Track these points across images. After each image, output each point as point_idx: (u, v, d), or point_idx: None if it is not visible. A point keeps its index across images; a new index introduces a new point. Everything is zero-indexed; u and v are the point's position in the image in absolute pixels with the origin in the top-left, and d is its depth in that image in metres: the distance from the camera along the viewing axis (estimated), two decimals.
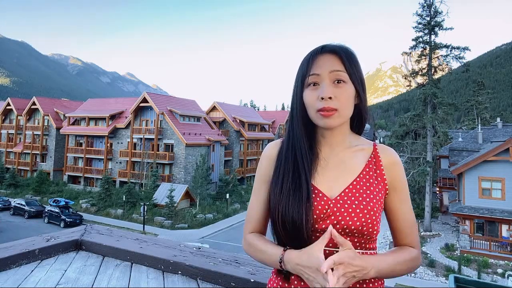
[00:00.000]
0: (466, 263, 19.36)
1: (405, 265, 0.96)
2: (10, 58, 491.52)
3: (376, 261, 0.90)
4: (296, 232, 0.93)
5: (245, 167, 44.62)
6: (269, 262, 0.98)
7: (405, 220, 1.02)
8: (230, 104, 50.61)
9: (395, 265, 0.94)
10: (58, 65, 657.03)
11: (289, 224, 0.93)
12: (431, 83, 27.06)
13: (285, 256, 0.92)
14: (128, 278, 1.56)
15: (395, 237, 1.05)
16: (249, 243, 1.05)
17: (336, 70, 0.97)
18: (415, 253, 1.01)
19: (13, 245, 1.73)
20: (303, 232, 0.92)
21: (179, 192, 30.54)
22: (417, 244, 1.03)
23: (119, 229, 2.25)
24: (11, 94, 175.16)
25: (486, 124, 44.99)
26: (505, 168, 20.60)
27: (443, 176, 31.62)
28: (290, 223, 0.93)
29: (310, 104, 0.98)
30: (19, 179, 41.64)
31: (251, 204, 1.10)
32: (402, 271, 0.96)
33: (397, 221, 1.03)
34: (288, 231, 0.94)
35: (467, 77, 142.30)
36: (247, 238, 1.07)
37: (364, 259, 0.86)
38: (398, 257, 0.96)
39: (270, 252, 0.97)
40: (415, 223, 1.05)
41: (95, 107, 43.04)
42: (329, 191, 0.97)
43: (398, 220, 1.03)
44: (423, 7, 27.77)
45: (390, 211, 1.03)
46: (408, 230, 1.02)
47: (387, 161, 1.03)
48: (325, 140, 1.04)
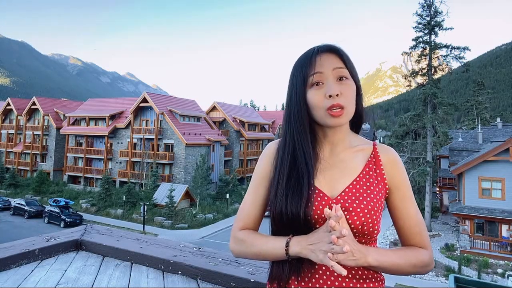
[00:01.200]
0: (466, 263, 19.35)
1: (409, 263, 0.93)
2: (10, 58, 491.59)
3: (373, 249, 0.90)
4: (297, 231, 0.93)
5: (245, 167, 44.63)
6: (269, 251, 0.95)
7: (409, 218, 1.00)
8: (230, 104, 50.62)
9: (397, 259, 0.92)
10: (58, 65, 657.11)
11: (290, 224, 0.93)
12: (431, 83, 27.05)
13: (293, 240, 0.91)
14: (128, 278, 1.56)
15: (401, 237, 1.02)
16: (241, 239, 1.02)
17: (339, 67, 0.98)
18: (424, 253, 0.96)
19: (13, 245, 1.73)
20: (304, 232, 0.92)
21: (179, 192, 30.54)
22: (426, 244, 0.98)
23: (119, 229, 2.25)
24: (11, 94, 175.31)
25: (486, 124, 44.98)
26: (505, 168, 20.59)
27: (443, 176, 31.62)
28: (291, 223, 0.93)
29: (317, 104, 0.97)
30: (19, 179, 41.64)
31: (245, 203, 1.08)
32: (407, 269, 0.93)
33: (400, 220, 1.01)
34: (289, 230, 0.94)
35: (467, 77, 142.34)
36: (238, 235, 1.03)
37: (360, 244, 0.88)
38: (401, 253, 0.94)
39: (273, 241, 0.95)
40: (423, 223, 1.01)
41: (95, 107, 43.05)
42: (329, 191, 0.97)
43: (402, 219, 1.01)
44: (423, 7, 27.76)
45: (393, 210, 1.02)
46: (413, 229, 1.00)
47: (386, 160, 1.03)
48: (326, 139, 1.04)
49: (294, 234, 0.94)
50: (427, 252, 0.97)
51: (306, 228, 0.93)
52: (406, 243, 1.01)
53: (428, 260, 0.96)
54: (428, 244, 0.99)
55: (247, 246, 1.00)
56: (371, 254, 0.88)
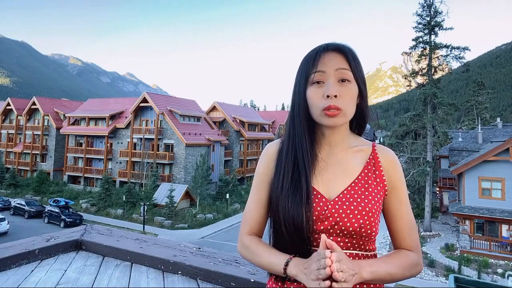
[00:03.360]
0: (466, 263, 19.35)
1: (401, 269, 0.92)
2: (10, 58, 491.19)
3: (366, 263, 0.88)
4: (297, 232, 0.93)
5: (245, 167, 44.62)
6: (269, 267, 0.95)
7: (404, 221, 1.01)
8: (230, 104, 50.60)
9: (390, 268, 0.91)
10: (58, 65, 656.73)
11: (290, 225, 0.93)
12: (431, 83, 27.06)
13: (293, 261, 0.89)
14: (128, 278, 1.56)
15: (393, 239, 1.03)
16: (247, 245, 1.02)
17: (342, 68, 0.97)
18: (414, 257, 0.97)
19: (13, 245, 1.73)
20: (304, 232, 0.92)
21: (179, 192, 30.54)
22: (416, 247, 1.00)
23: (119, 229, 2.25)
24: (11, 94, 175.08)
25: (486, 124, 44.97)
26: (505, 168, 20.59)
27: (443, 176, 31.61)
28: (290, 223, 0.93)
29: (314, 102, 0.97)
30: (19, 179, 41.61)
31: (248, 204, 1.08)
32: (399, 275, 0.92)
33: (395, 222, 1.01)
34: (289, 231, 0.93)
35: (467, 77, 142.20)
36: (245, 241, 1.04)
37: (353, 261, 0.85)
38: (393, 260, 0.93)
39: (274, 258, 0.94)
40: (415, 226, 1.03)
41: (95, 107, 43.04)
42: (327, 192, 0.97)
43: (396, 222, 1.01)
44: (423, 7, 27.77)
45: (389, 212, 1.02)
46: (406, 231, 1.00)
47: (386, 162, 1.02)
48: (325, 139, 1.03)
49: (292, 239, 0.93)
50: (414, 254, 0.98)
51: (306, 228, 0.92)
52: (398, 245, 1.01)
53: (420, 263, 0.97)
54: (418, 245, 1.01)
55: (250, 254, 1.01)
56: (365, 268, 0.86)
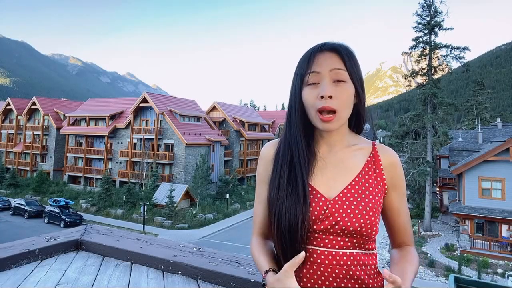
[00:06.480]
0: (466, 263, 19.35)
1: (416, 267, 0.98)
2: (10, 58, 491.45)
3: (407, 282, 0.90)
4: (292, 233, 0.92)
5: (245, 167, 44.63)
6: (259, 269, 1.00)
7: (403, 218, 1.04)
8: (230, 104, 50.59)
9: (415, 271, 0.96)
10: (58, 65, 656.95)
11: (285, 226, 0.92)
12: (431, 83, 27.05)
13: (267, 278, 0.91)
14: (128, 278, 1.56)
15: (393, 235, 1.06)
16: (251, 246, 1.06)
17: (337, 68, 0.96)
18: (415, 251, 1.04)
19: (13, 245, 1.73)
20: (298, 234, 0.91)
21: (179, 192, 30.54)
22: (413, 241, 1.07)
23: (119, 229, 2.25)
24: (11, 94, 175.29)
25: (486, 124, 44.96)
26: (505, 168, 20.59)
27: (443, 176, 31.60)
28: (285, 224, 0.92)
29: (309, 103, 0.96)
30: (19, 179, 41.63)
31: (255, 205, 1.11)
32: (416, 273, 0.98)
33: (395, 220, 1.03)
34: (283, 232, 0.93)
35: (467, 77, 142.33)
36: (252, 241, 1.07)
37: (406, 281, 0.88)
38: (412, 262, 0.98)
39: (261, 263, 0.97)
40: (410, 220, 1.08)
41: (95, 107, 43.05)
42: (327, 192, 0.96)
43: (397, 220, 1.03)
44: (423, 7, 27.76)
45: (389, 210, 1.03)
46: (405, 228, 1.04)
47: (386, 160, 1.02)
48: (324, 139, 1.03)
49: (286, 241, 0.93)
50: (414, 248, 1.05)
51: (301, 229, 0.91)
52: (397, 241, 1.06)
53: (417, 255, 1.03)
54: (413, 240, 1.08)
55: (252, 255, 1.04)
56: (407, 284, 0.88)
